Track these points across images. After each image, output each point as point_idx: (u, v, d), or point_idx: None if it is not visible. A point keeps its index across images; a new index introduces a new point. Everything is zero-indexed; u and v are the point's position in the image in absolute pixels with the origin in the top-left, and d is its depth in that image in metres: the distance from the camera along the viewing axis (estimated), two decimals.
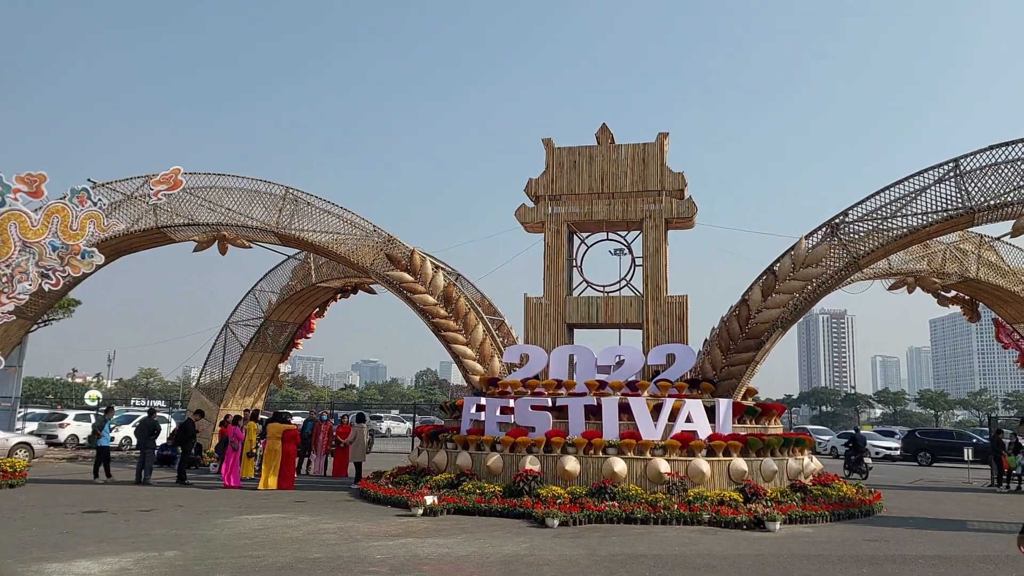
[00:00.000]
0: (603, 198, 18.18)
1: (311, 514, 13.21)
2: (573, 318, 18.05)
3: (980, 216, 15.30)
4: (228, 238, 18.95)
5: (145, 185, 18.90)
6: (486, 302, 22.25)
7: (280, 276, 24.54)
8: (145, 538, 10.53)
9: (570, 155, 18.54)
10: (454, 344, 17.88)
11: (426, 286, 18.06)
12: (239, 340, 24.81)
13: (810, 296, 16.40)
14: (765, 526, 12.23)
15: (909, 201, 15.79)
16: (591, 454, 14.59)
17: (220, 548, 9.89)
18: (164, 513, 13.04)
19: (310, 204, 18.83)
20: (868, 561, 10.00)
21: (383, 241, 18.46)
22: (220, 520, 12.31)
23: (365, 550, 9.91)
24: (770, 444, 15.15)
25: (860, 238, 16.15)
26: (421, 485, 15.02)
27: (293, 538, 10.73)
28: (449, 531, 11.56)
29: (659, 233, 17.84)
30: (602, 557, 9.79)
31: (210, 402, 24.55)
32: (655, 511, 12.83)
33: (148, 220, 18.90)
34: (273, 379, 26.33)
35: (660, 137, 18.22)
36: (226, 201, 18.93)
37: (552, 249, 18.29)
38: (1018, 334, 22.14)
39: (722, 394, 16.28)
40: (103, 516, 12.62)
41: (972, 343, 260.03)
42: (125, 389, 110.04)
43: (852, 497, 14.87)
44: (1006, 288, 20.66)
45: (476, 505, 13.45)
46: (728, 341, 16.87)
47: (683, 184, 17.86)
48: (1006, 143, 15.16)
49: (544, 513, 12.46)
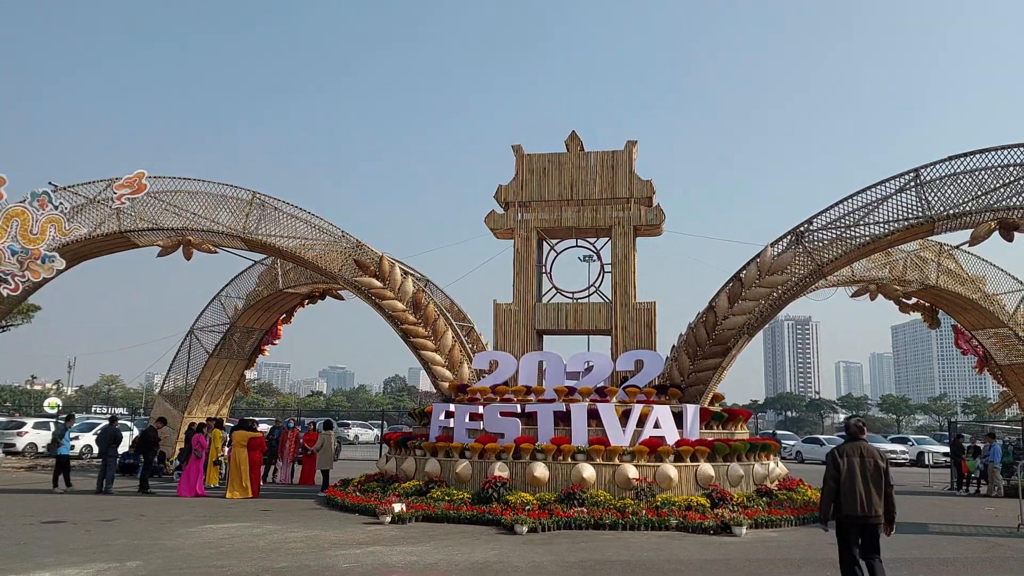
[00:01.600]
0: (572, 205, 18.27)
1: (277, 523, 13.05)
2: (543, 324, 18.09)
3: (940, 225, 15.63)
4: (193, 243, 18.68)
5: (108, 189, 18.58)
6: (455, 308, 22.21)
7: (246, 282, 24.24)
8: (106, 548, 10.33)
9: (540, 162, 18.61)
10: (423, 351, 17.81)
11: (395, 292, 17.97)
12: (204, 346, 24.45)
13: (776, 303, 16.61)
14: (732, 531, 12.34)
15: (871, 210, 16.07)
16: (560, 460, 14.62)
17: (184, 558, 9.73)
18: (126, 523, 12.80)
19: (277, 209, 18.64)
20: (832, 564, 10.08)
21: (351, 247, 18.34)
22: (184, 529, 12.11)
23: (332, 559, 9.81)
24: (737, 449, 15.29)
25: (824, 246, 16.40)
26: (389, 492, 14.92)
27: (259, 547, 10.59)
28: (417, 539, 11.49)
29: (628, 240, 17.97)
30: (571, 564, 9.81)
31: (174, 409, 24.16)
32: (623, 517, 12.88)
33: (111, 224, 18.55)
34: (239, 386, 25.98)
35: (629, 145, 18.36)
36: (191, 205, 18.66)
37: (522, 255, 18.32)
38: (976, 340, 22.62)
39: (689, 400, 16.41)
40: (62, 526, 12.35)
41: (932, 349, 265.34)
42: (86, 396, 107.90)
43: (817, 501, 15.06)
44: (964, 295, 21.11)
45: (445, 512, 13.39)
46: (695, 347, 17.02)
47: (651, 192, 18.01)
48: (964, 154, 15.50)
49: (513, 520, 12.44)
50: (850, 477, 7.40)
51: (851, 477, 7.40)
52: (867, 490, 7.36)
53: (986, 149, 15.24)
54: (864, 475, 7.39)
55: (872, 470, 7.42)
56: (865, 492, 7.36)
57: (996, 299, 21.33)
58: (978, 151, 15.35)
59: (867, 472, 7.41)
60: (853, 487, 7.37)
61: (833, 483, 7.46)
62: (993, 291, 21.38)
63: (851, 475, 7.40)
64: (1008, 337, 21.58)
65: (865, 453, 7.48)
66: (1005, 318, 21.18)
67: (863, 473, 7.39)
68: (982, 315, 21.51)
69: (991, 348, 22.28)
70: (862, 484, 7.36)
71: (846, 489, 7.39)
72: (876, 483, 7.40)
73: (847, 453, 7.52)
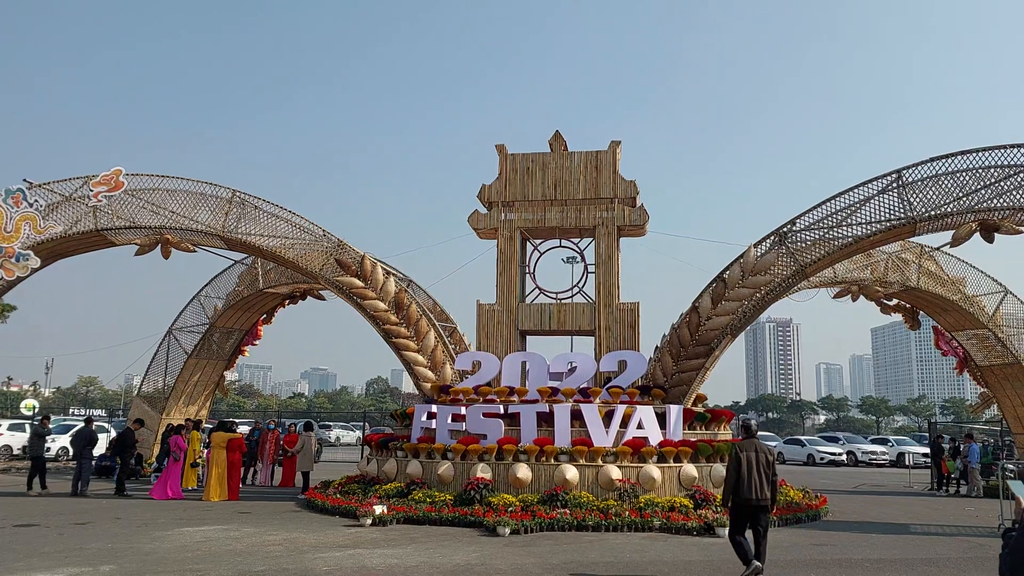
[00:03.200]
0: (556, 205, 18.18)
1: (256, 525, 12.85)
2: (526, 325, 17.98)
3: (921, 226, 15.69)
4: (171, 242, 18.40)
5: (85, 186, 18.29)
6: (438, 308, 22.07)
7: (226, 281, 23.96)
8: (79, 553, 10.10)
9: (523, 162, 18.50)
10: (405, 351, 17.65)
11: (377, 292, 17.80)
12: (183, 347, 24.13)
13: (759, 304, 16.61)
14: (715, 532, 12.28)
15: (854, 211, 16.10)
16: (543, 461, 14.51)
17: (159, 562, 9.53)
18: (100, 526, 12.55)
19: (258, 208, 18.42)
20: (815, 565, 10.10)
21: (333, 246, 18.15)
22: (160, 533, 11.89)
23: (311, 562, 9.65)
24: (720, 450, 15.25)
25: (807, 247, 16.42)
26: (370, 494, 14.76)
27: (236, 551, 10.40)
28: (398, 541, 11.34)
29: (611, 240, 17.90)
30: (554, 565, 9.70)
31: (152, 411, 23.82)
32: (606, 518, 12.80)
33: (87, 222, 18.25)
34: (218, 387, 25.66)
35: (612, 145, 18.30)
36: (170, 203, 18.39)
37: (505, 255, 18.20)
38: (956, 342, 22.77)
39: (673, 400, 16.36)
40: (35, 530, 12.08)
41: (911, 351, 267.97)
42: (64, 398, 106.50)
43: (799, 502, 15.08)
44: (945, 297, 21.24)
45: (426, 514, 13.24)
46: (679, 348, 16.98)
47: (635, 192, 17.96)
48: (945, 155, 15.58)
49: (495, 521, 12.32)
50: (748, 469, 8.67)
51: (748, 469, 8.68)
52: (760, 480, 8.71)
53: (968, 151, 15.32)
54: (757, 467, 8.71)
55: (764, 463, 8.77)
56: (758, 481, 8.70)
57: (976, 300, 21.48)
58: (960, 152, 15.42)
59: (760, 465, 8.74)
60: (749, 477, 8.67)
61: (735, 473, 8.73)
62: (973, 292, 21.54)
63: (748, 467, 8.69)
64: (987, 338, 21.74)
65: (758, 449, 8.85)
66: (985, 319, 21.34)
67: (757, 466, 8.70)
68: (962, 316, 21.65)
69: (971, 349, 22.43)
70: (756, 475, 8.68)
71: (744, 478, 8.68)
72: (766, 474, 8.77)
73: (745, 448, 8.84)
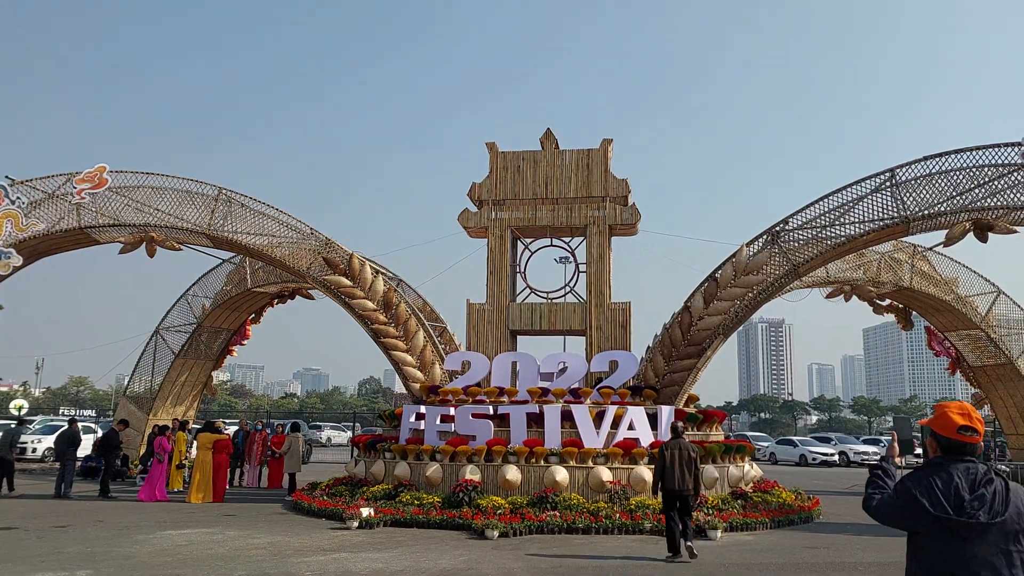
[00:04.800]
0: (547, 203, 17.99)
1: (240, 528, 12.62)
2: (516, 324, 17.79)
3: (915, 225, 15.56)
4: (156, 240, 18.13)
5: (68, 183, 18.01)
6: (428, 308, 21.84)
7: (214, 280, 23.69)
8: (57, 556, 9.86)
9: (514, 160, 18.31)
10: (394, 351, 17.43)
11: (365, 291, 17.58)
12: (170, 347, 23.85)
13: (751, 303, 16.45)
14: (707, 534, 12.13)
15: (847, 210, 15.97)
16: (533, 463, 14.33)
17: (137, 567, 9.30)
18: (81, 529, 12.30)
19: (244, 206, 18.17)
20: (809, 569, 9.94)
21: (321, 244, 17.92)
22: (141, 536, 11.65)
23: (294, 566, 9.44)
24: (712, 451, 15.10)
25: (800, 246, 16.27)
26: (357, 496, 14.54)
27: (218, 555, 10.18)
28: (384, 544, 11.14)
29: (603, 239, 17.73)
30: (543, 570, 9.51)
31: (138, 411, 23.53)
32: (597, 520, 12.61)
33: (71, 220, 17.96)
34: (206, 387, 25.39)
35: (604, 143, 18.13)
36: (155, 201, 18.12)
37: (495, 254, 18.01)
38: (949, 342, 22.69)
39: (664, 401, 16.19)
40: (13, 533, 11.83)
41: (903, 351, 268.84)
42: (54, 398, 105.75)
43: (792, 504, 14.93)
44: (937, 297, 21.14)
45: (414, 517, 13.04)
46: (670, 348, 16.81)
47: (627, 191, 17.79)
48: (939, 154, 15.45)
49: (484, 524, 12.12)
50: (672, 464, 10.41)
51: (672, 464, 10.41)
52: (682, 473, 10.40)
53: (961, 149, 15.20)
54: (680, 462, 10.44)
55: (686, 459, 10.49)
56: (680, 474, 10.39)
57: (968, 301, 21.40)
58: (953, 151, 15.30)
59: (683, 460, 10.46)
60: (673, 470, 10.39)
61: (661, 467, 10.47)
62: (965, 293, 21.46)
63: (672, 462, 10.42)
64: (980, 339, 21.65)
65: (682, 447, 10.57)
66: (977, 320, 21.26)
67: (680, 461, 10.44)
68: (954, 317, 21.56)
69: (963, 350, 22.34)
70: (679, 469, 10.40)
71: (669, 471, 10.40)
72: (688, 468, 10.46)
73: (671, 447, 10.57)
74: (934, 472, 3.25)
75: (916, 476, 3.29)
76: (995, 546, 3.09)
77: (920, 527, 3.22)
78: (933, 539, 3.18)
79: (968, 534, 3.10)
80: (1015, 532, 3.10)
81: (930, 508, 3.15)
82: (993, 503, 3.10)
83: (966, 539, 3.10)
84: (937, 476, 3.22)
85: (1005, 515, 3.08)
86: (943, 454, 3.31)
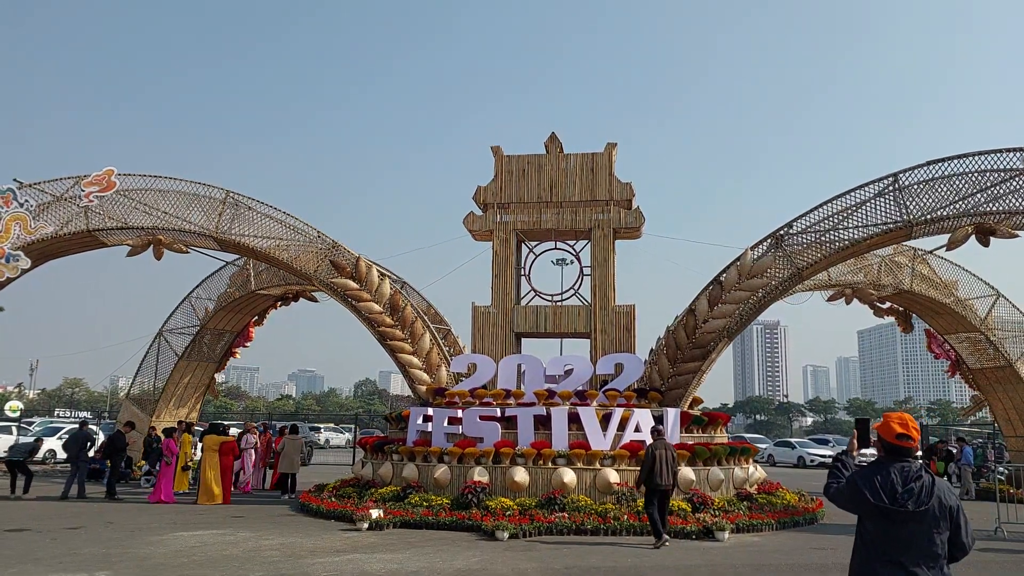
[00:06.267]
0: (552, 207, 18.11)
1: (251, 530, 12.70)
2: (521, 327, 17.90)
3: (918, 229, 15.72)
4: (164, 243, 18.20)
5: (76, 186, 18.06)
6: (432, 311, 21.95)
7: (217, 283, 23.74)
8: (73, 558, 9.95)
9: (519, 163, 18.43)
10: (400, 354, 17.53)
11: (372, 294, 17.67)
12: (173, 349, 23.89)
13: (755, 306, 16.60)
14: (715, 536, 12.26)
15: (850, 214, 16.12)
16: (540, 464, 14.44)
17: (156, 567, 9.39)
18: (93, 530, 12.37)
19: (251, 208, 18.25)
20: (817, 569, 10.08)
21: (327, 247, 18.01)
22: (154, 537, 11.72)
23: (310, 567, 9.54)
24: (717, 453, 15.24)
25: (803, 249, 16.42)
26: (366, 498, 14.63)
27: (233, 555, 10.27)
28: (397, 546, 11.24)
29: (607, 243, 17.85)
30: (556, 570, 9.63)
31: (141, 413, 23.57)
32: (605, 522, 12.73)
33: (79, 223, 18.01)
34: (209, 389, 25.44)
35: (608, 147, 18.26)
36: (162, 204, 18.18)
37: (500, 257, 18.12)
38: (948, 344, 22.86)
39: (669, 403, 16.32)
40: (27, 534, 11.89)
41: (897, 353, 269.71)
42: (49, 399, 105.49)
43: (796, 505, 15.06)
44: (938, 300, 21.32)
45: (423, 518, 13.14)
46: (675, 350, 16.94)
47: (631, 194, 17.92)
48: (941, 159, 15.61)
49: (494, 526, 12.23)
50: (659, 463, 11.63)
51: (659, 462, 11.64)
52: (667, 471, 11.65)
53: (964, 154, 15.36)
54: (665, 461, 11.66)
55: (670, 459, 11.75)
56: (666, 472, 11.65)
57: (968, 303, 21.57)
58: (956, 156, 15.46)
59: (667, 460, 11.69)
60: (660, 469, 11.60)
61: (649, 465, 11.67)
62: (965, 296, 21.63)
63: (659, 461, 11.64)
64: (979, 341, 21.83)
65: (666, 447, 11.91)
66: (977, 322, 21.43)
67: (665, 460, 11.68)
68: (954, 319, 21.74)
69: (963, 352, 22.52)
70: (665, 467, 11.65)
71: (656, 470, 11.60)
72: (671, 466, 11.77)
73: (658, 447, 11.84)
74: (876, 470, 3.96)
75: (863, 472, 4.00)
76: (921, 529, 3.80)
77: (863, 513, 3.94)
78: (873, 523, 3.90)
79: (899, 519, 3.81)
80: (936, 518, 3.81)
81: (871, 498, 3.86)
82: (920, 495, 3.80)
83: (897, 523, 3.81)
84: (878, 473, 3.93)
85: (928, 505, 3.79)
86: (885, 455, 4.02)
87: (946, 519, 3.83)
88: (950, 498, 3.88)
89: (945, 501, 3.84)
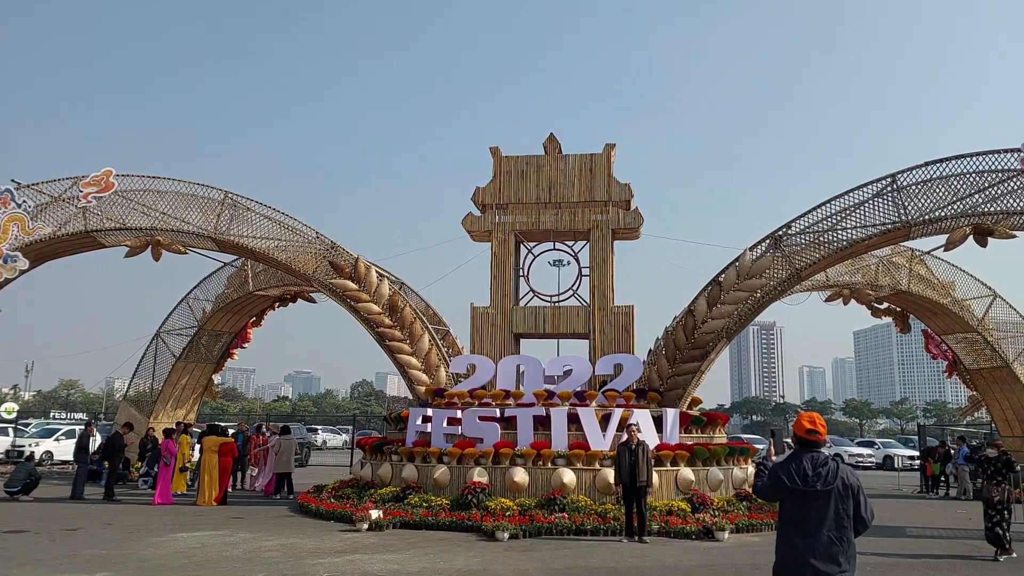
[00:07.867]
0: (550, 208, 18.13)
1: (250, 531, 12.68)
2: (520, 328, 17.91)
3: (916, 230, 15.77)
4: (162, 243, 18.19)
5: (74, 187, 18.05)
6: (431, 311, 21.96)
7: (215, 284, 23.74)
8: (73, 559, 9.92)
9: (517, 164, 18.45)
10: (399, 354, 17.53)
11: (371, 295, 17.67)
12: (171, 350, 23.87)
13: (754, 306, 16.63)
14: (714, 536, 12.28)
15: (849, 214, 16.17)
16: (540, 465, 14.45)
17: (156, 569, 9.37)
18: (92, 532, 12.34)
19: (250, 209, 18.24)
20: None
21: (326, 248, 18.00)
22: (154, 539, 11.70)
23: (311, 568, 9.52)
24: (716, 453, 15.25)
25: (802, 250, 16.47)
26: (365, 499, 14.62)
27: (233, 557, 10.25)
28: (397, 546, 11.23)
29: (606, 243, 17.87)
30: (557, 571, 9.63)
31: (139, 414, 23.54)
32: (605, 522, 12.74)
33: (77, 224, 17.99)
34: (206, 390, 25.42)
35: (607, 148, 18.28)
36: (161, 205, 18.17)
37: (499, 258, 18.13)
38: (946, 345, 22.94)
39: (669, 404, 16.34)
40: (25, 536, 11.85)
41: (893, 354, 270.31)
42: (44, 401, 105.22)
43: None
44: (935, 300, 21.40)
45: (423, 519, 13.14)
46: (674, 351, 16.96)
47: (630, 195, 17.95)
48: (939, 160, 15.67)
49: (494, 526, 12.23)
50: (637, 461, 12.11)
51: (627, 461, 12.15)
52: (637, 469, 12.08)
53: (962, 155, 15.43)
54: (642, 460, 12.16)
55: (645, 457, 12.21)
56: (643, 469, 12.11)
57: (965, 304, 21.66)
58: (954, 157, 15.53)
59: (639, 459, 12.14)
60: (630, 466, 12.11)
61: (630, 464, 12.12)
62: (962, 296, 21.73)
63: (636, 459, 12.13)
64: (976, 342, 21.92)
65: (638, 448, 12.28)
66: (974, 323, 21.52)
67: (641, 459, 12.16)
68: (951, 320, 21.82)
69: (960, 353, 22.61)
70: (643, 465, 12.13)
71: (626, 469, 12.13)
72: (648, 464, 12.21)
73: (627, 448, 12.29)
74: (792, 460, 4.72)
75: (781, 463, 4.77)
76: (828, 505, 4.54)
77: (783, 495, 4.69)
78: (792, 503, 4.65)
79: (810, 498, 4.57)
80: (841, 495, 4.56)
81: (787, 482, 4.62)
82: (827, 477, 4.56)
83: (809, 500, 4.57)
84: (793, 462, 4.69)
85: (833, 484, 4.54)
86: (798, 447, 4.78)
87: (849, 496, 4.55)
88: (852, 479, 4.60)
89: (847, 481, 4.58)
